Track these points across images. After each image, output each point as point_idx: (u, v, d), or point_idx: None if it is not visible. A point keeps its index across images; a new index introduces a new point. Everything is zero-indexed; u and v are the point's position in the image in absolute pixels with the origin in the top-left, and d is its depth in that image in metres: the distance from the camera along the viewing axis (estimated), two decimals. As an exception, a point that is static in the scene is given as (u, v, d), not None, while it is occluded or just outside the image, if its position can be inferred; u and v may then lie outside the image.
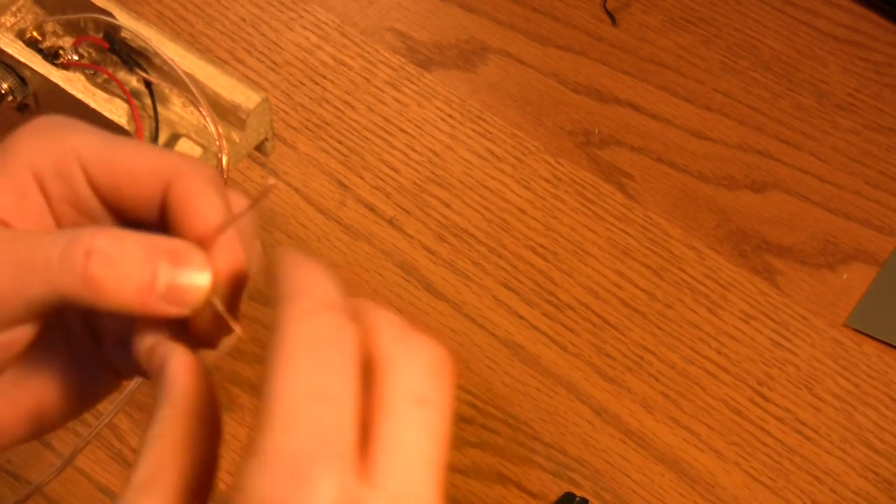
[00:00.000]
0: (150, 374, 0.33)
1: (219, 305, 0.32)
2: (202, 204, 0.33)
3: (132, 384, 0.55)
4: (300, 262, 0.30)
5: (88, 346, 0.36)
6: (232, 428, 0.61)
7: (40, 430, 0.36)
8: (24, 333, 0.33)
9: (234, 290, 0.33)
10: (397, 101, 0.73)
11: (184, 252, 0.32)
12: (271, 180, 0.36)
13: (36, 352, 0.35)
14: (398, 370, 0.29)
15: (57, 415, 0.36)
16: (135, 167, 0.33)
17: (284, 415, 0.27)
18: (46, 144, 0.33)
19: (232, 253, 0.33)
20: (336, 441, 0.27)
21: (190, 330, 0.33)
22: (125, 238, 0.31)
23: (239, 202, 0.35)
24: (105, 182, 0.33)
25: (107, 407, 0.62)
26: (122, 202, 0.33)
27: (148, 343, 0.33)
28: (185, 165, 0.33)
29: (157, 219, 0.34)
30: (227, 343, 0.34)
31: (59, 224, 0.34)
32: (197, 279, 0.31)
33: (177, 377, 0.31)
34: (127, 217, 0.34)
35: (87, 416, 0.61)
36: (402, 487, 0.27)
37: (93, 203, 0.34)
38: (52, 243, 0.31)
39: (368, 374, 0.28)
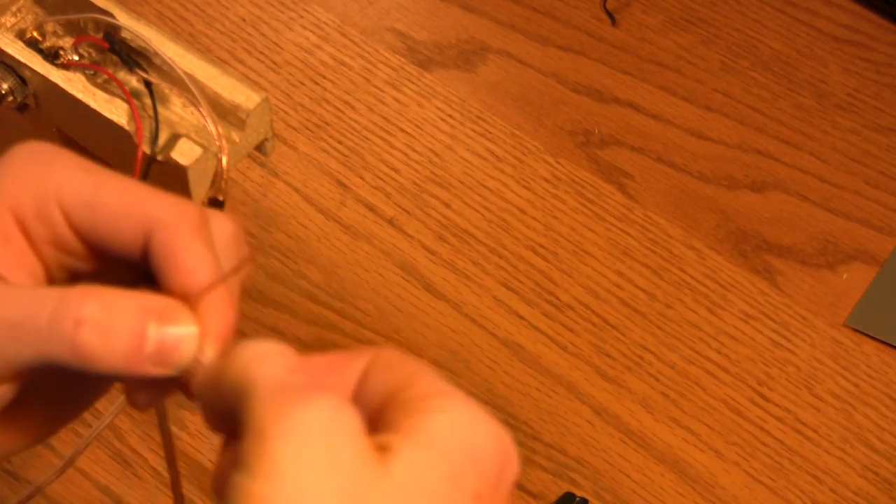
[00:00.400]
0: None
1: (205, 362, 0.32)
2: (188, 259, 0.32)
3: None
4: (241, 349, 0.31)
5: None
6: (232, 428, 0.61)
7: (42, 439, 0.37)
8: (5, 391, 0.33)
9: (224, 346, 0.33)
10: (397, 101, 0.73)
11: (172, 313, 0.32)
12: (257, 255, 0.36)
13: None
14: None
15: (53, 422, 0.36)
16: (116, 212, 0.33)
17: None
18: (27, 184, 0.33)
19: (221, 311, 0.32)
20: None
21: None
22: (114, 302, 0.31)
23: (224, 225, 0.35)
24: (85, 225, 0.33)
25: (107, 408, 0.62)
26: (103, 243, 0.33)
27: (142, 397, 0.33)
28: (167, 212, 0.33)
29: (140, 256, 0.33)
30: None
31: (43, 263, 0.34)
32: (185, 340, 0.32)
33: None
34: (109, 254, 0.34)
35: (88, 416, 0.61)
36: None
37: (74, 244, 0.33)
38: (42, 306, 0.31)
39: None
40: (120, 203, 0.33)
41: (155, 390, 0.33)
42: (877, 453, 0.63)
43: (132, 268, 0.34)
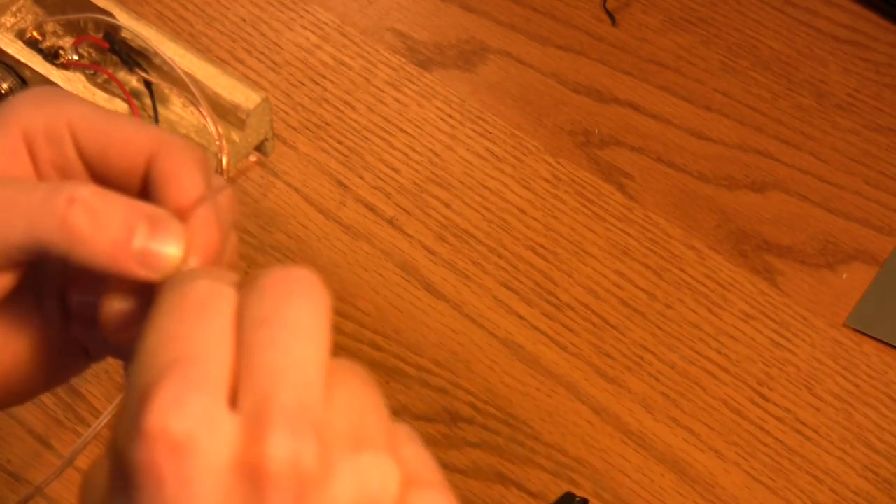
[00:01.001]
0: (118, 347, 0.33)
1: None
2: (185, 179, 0.33)
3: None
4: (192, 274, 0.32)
5: (59, 321, 0.37)
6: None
7: (2, 394, 0.36)
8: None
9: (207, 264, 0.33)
10: (397, 101, 0.73)
11: (162, 218, 0.32)
12: (252, 158, 0.37)
13: (7, 312, 0.35)
14: (242, 304, 0.29)
15: (20, 382, 0.36)
16: (125, 137, 0.34)
17: (149, 352, 0.28)
18: (40, 110, 0.34)
19: (207, 229, 0.33)
20: (197, 368, 0.27)
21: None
22: (109, 193, 0.32)
23: (221, 185, 0.36)
24: (93, 149, 0.34)
25: (106, 406, 0.62)
26: (107, 169, 0.34)
27: (115, 307, 0.33)
28: (173, 141, 0.34)
29: (138, 191, 0.34)
30: None
31: None
32: (171, 246, 0.32)
33: None
34: (109, 185, 0.34)
35: (89, 417, 0.61)
36: (255, 401, 0.27)
37: (78, 168, 0.34)
38: (37, 188, 0.32)
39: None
40: (131, 129, 0.34)
41: (131, 310, 0.33)
42: (877, 453, 0.63)
43: None
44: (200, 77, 0.52)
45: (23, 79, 0.53)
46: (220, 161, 0.50)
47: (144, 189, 0.34)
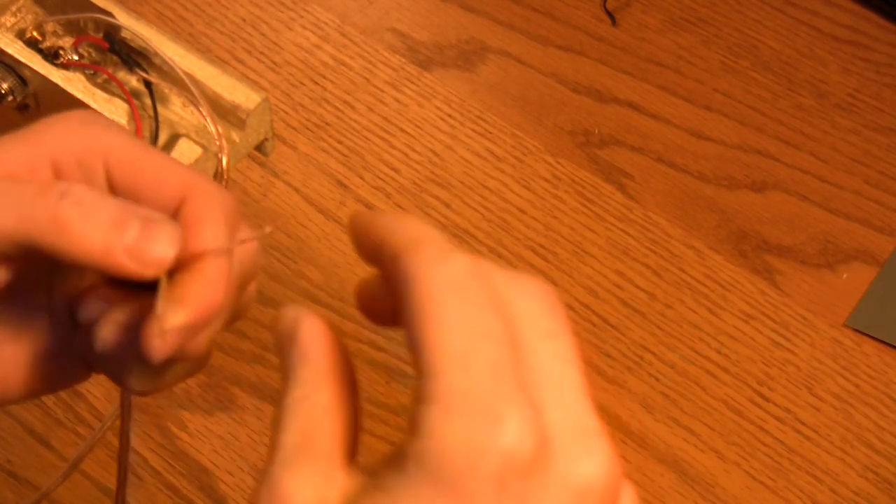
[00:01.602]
0: (93, 356, 0.33)
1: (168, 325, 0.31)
2: (207, 229, 0.33)
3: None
4: (403, 216, 0.30)
5: (66, 329, 0.37)
6: (232, 428, 0.61)
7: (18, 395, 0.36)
8: None
9: (203, 320, 0.32)
10: (397, 101, 0.73)
11: (155, 218, 0.32)
12: (268, 229, 0.36)
13: (13, 312, 0.35)
14: (522, 307, 0.29)
15: (17, 382, 0.36)
16: (159, 177, 0.33)
17: (452, 356, 0.27)
18: (77, 136, 0.33)
19: (213, 282, 0.32)
20: (510, 376, 0.27)
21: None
22: (103, 194, 0.32)
23: (247, 237, 0.35)
24: (125, 184, 0.33)
25: (107, 408, 0.62)
26: (138, 202, 0.34)
27: (92, 310, 0.33)
28: (205, 187, 0.33)
29: None
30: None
31: None
32: (163, 244, 0.31)
33: (313, 336, 0.31)
34: None
35: (89, 417, 0.61)
36: (568, 416, 0.28)
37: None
38: (31, 183, 0.32)
39: None
40: (165, 169, 0.33)
41: (124, 319, 0.33)
42: (877, 453, 0.63)
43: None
44: (200, 77, 0.52)
45: (23, 79, 0.53)
46: (220, 161, 0.50)
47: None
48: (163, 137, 0.52)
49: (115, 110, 0.51)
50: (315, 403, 0.29)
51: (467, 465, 0.26)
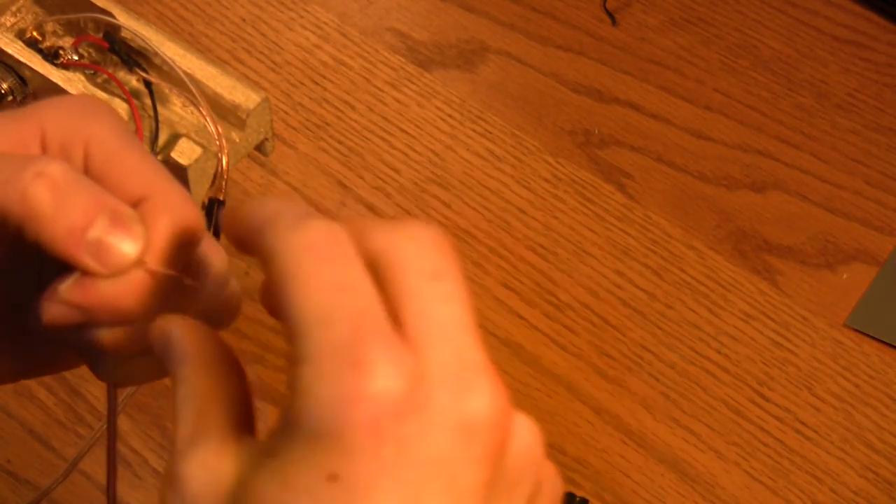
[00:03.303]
0: (79, 342, 0.33)
1: (151, 267, 0.32)
2: (156, 231, 0.32)
3: (132, 388, 0.55)
4: (263, 200, 0.31)
5: None
6: (232, 428, 0.61)
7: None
8: None
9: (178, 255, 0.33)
10: (397, 101, 0.73)
11: (126, 216, 0.32)
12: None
13: (2, 287, 0.35)
14: (402, 253, 0.29)
15: (2, 362, 0.36)
16: (125, 172, 0.33)
17: (316, 314, 0.27)
18: (66, 119, 0.34)
19: (126, 285, 0.32)
20: (374, 321, 0.27)
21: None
22: (81, 178, 0.31)
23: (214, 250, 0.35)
24: (96, 172, 0.33)
25: (105, 407, 0.61)
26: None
27: (54, 311, 0.32)
28: (169, 197, 0.33)
29: None
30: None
31: None
32: (127, 244, 0.31)
33: (184, 337, 0.31)
34: None
35: (90, 417, 0.61)
36: (449, 354, 0.28)
37: None
38: (13, 159, 0.31)
39: (373, 270, 0.29)
40: (133, 166, 0.33)
41: (71, 308, 0.33)
42: (877, 453, 0.63)
43: None
44: (200, 77, 0.52)
45: (23, 79, 0.53)
46: (220, 161, 0.50)
47: None
48: (163, 137, 0.52)
49: (115, 110, 0.51)
50: (199, 395, 0.30)
51: (341, 417, 0.26)
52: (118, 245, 0.31)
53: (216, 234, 0.50)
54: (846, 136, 0.74)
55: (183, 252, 0.33)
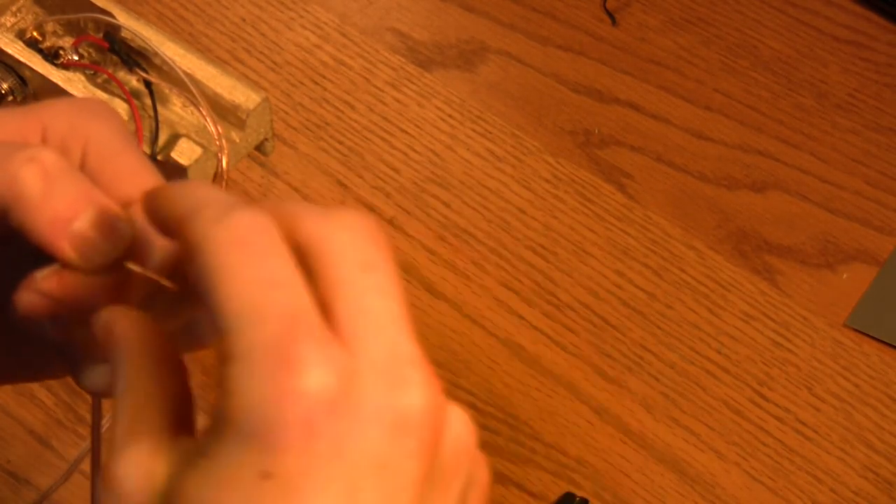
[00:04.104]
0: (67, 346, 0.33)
1: (136, 269, 0.32)
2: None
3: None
4: (188, 185, 0.30)
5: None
6: (232, 428, 0.61)
7: None
8: None
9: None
10: (397, 101, 0.73)
11: (112, 214, 0.31)
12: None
13: None
14: (334, 243, 0.29)
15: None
16: (120, 178, 0.33)
17: (245, 312, 0.27)
18: (68, 118, 0.33)
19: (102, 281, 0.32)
20: (305, 318, 0.27)
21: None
22: (72, 171, 0.31)
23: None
24: (92, 172, 0.33)
25: (108, 408, 0.62)
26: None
27: (28, 296, 0.32)
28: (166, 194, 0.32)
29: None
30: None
31: None
32: (109, 242, 0.31)
33: (125, 333, 0.31)
34: None
35: (87, 415, 0.61)
36: (382, 348, 0.28)
37: None
38: (10, 144, 0.31)
39: (302, 261, 0.28)
40: (129, 171, 0.33)
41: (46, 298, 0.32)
42: (877, 453, 0.63)
43: None
44: (200, 77, 0.52)
45: (23, 79, 0.53)
46: (220, 161, 0.50)
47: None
48: (163, 137, 0.52)
49: (117, 112, 0.51)
50: (136, 392, 0.30)
51: (273, 415, 0.26)
52: (101, 241, 0.31)
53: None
54: (846, 136, 0.74)
55: (169, 257, 0.33)
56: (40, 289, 0.31)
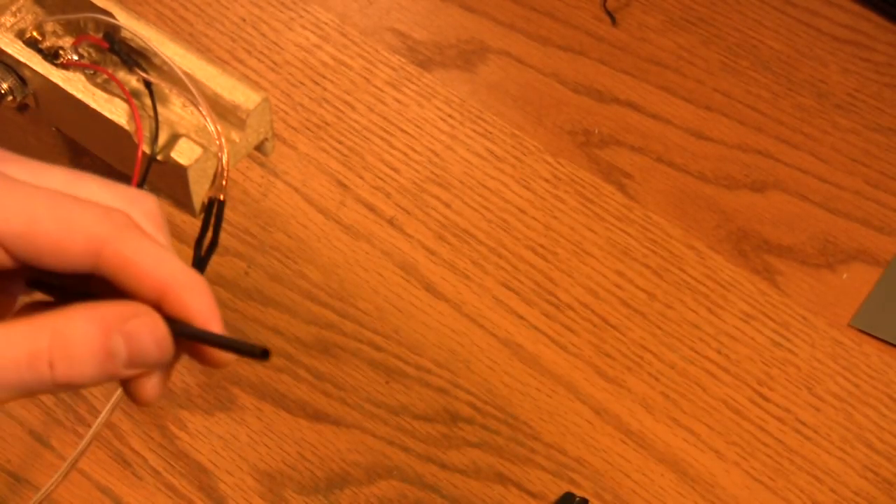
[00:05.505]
0: None
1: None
2: (144, 260, 0.32)
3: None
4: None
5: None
6: (232, 428, 0.61)
7: None
8: None
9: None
10: (397, 101, 0.73)
11: (133, 317, 0.32)
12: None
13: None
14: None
15: None
16: (55, 241, 0.32)
17: None
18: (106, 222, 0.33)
19: (200, 296, 0.33)
20: None
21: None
22: (74, 332, 0.31)
23: (148, 205, 0.35)
24: (25, 254, 0.32)
25: (104, 405, 0.62)
26: (48, 267, 0.32)
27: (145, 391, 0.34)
28: (103, 226, 0.32)
29: (92, 268, 0.33)
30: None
31: None
32: (153, 340, 0.32)
33: None
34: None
35: (89, 417, 0.61)
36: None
37: (11, 263, 0.32)
38: (18, 353, 0.31)
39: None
40: (64, 232, 0.32)
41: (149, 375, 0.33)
42: (877, 453, 0.63)
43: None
44: (200, 77, 0.52)
45: (23, 79, 0.53)
46: (220, 161, 0.50)
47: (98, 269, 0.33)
48: (163, 137, 0.51)
49: (115, 110, 0.51)
50: None
51: None
52: (147, 345, 0.32)
53: (216, 234, 0.50)
54: (846, 136, 0.74)
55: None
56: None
